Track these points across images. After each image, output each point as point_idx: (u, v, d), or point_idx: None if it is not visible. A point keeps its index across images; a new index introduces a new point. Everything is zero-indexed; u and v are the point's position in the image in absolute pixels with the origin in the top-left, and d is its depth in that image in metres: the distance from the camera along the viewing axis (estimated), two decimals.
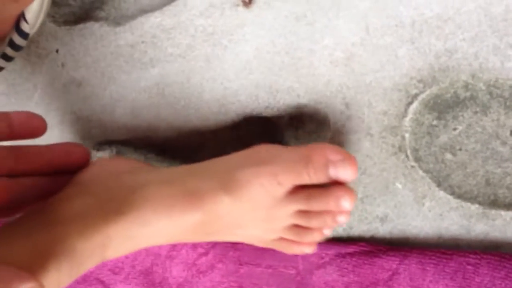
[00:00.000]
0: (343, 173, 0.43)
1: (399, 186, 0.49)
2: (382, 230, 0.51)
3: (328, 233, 0.48)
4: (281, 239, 0.49)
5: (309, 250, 0.49)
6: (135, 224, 0.42)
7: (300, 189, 0.45)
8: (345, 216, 0.45)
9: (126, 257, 0.58)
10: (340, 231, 0.53)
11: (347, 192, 0.44)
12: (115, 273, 0.59)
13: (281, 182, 0.43)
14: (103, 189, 0.45)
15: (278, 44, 0.47)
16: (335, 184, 0.44)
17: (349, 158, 0.43)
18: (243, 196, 0.44)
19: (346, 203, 0.44)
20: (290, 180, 0.43)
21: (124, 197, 0.43)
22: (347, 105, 0.48)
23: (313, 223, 0.46)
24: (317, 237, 0.47)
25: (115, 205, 0.43)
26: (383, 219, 0.51)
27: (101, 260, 0.42)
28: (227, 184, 0.44)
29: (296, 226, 0.47)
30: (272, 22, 0.46)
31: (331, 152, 0.43)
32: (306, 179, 0.44)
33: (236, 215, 0.45)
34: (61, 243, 0.39)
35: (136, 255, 0.58)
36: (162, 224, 0.43)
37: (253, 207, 0.45)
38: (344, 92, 0.47)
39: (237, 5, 0.47)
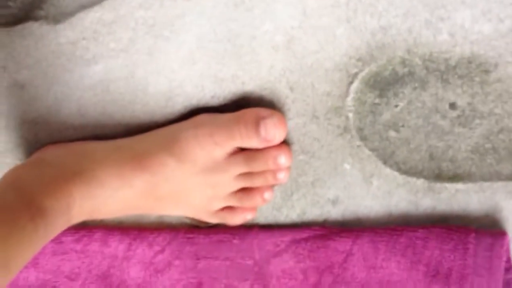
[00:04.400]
0: (272, 128, 0.46)
1: (348, 166, 0.50)
2: (334, 212, 0.52)
3: (268, 197, 0.50)
4: (225, 209, 0.51)
5: (251, 215, 0.52)
6: (92, 184, 0.46)
7: (239, 152, 0.48)
8: (284, 173, 0.49)
9: (82, 262, 0.57)
10: (294, 217, 0.53)
11: (282, 149, 0.48)
12: (71, 280, 0.58)
13: (217, 142, 0.47)
14: (55, 158, 0.49)
15: (219, 32, 0.47)
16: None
17: (277, 113, 0.47)
18: (185, 157, 0.47)
19: (282, 159, 0.48)
20: (225, 139, 0.47)
21: (76, 161, 0.48)
22: (291, 89, 0.48)
23: (256, 182, 0.49)
24: (259, 201, 0.51)
25: (70, 168, 0.47)
26: (334, 202, 0.52)
27: (68, 220, 0.46)
28: (170, 147, 0.48)
29: (240, 191, 0.50)
30: (212, 10, 0.47)
31: (260, 110, 0.47)
32: (238, 136, 0.47)
33: (181, 178, 0.48)
34: (31, 205, 0.42)
35: (92, 259, 0.57)
36: (115, 185, 0.47)
37: (196, 170, 0.48)
38: (288, 76, 0.48)
39: None
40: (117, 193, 0.47)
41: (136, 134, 0.52)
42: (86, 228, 0.56)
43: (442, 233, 0.49)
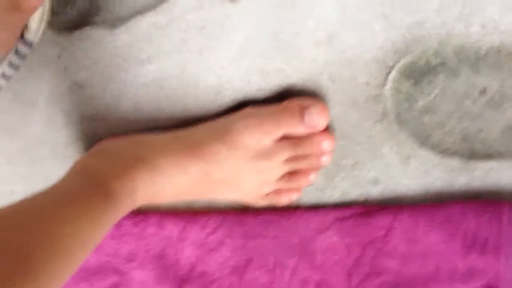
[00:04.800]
0: (316, 115, 0.51)
1: (386, 150, 0.54)
2: (374, 192, 0.56)
3: (313, 179, 0.54)
4: (273, 191, 0.55)
5: (296, 196, 0.56)
6: (153, 171, 0.50)
7: (286, 139, 0.52)
8: (327, 157, 0.53)
9: (139, 244, 0.61)
10: (337, 198, 0.57)
11: (325, 135, 0.52)
12: (129, 261, 0.61)
13: (266, 131, 0.51)
14: (116, 148, 0.53)
15: (266, 30, 0.51)
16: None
17: (320, 102, 0.51)
18: (236, 146, 0.51)
19: (325, 144, 0.52)
20: (272, 127, 0.51)
21: (136, 151, 0.51)
22: (332, 80, 0.52)
23: (301, 165, 0.53)
24: (304, 182, 0.55)
25: (131, 156, 0.50)
26: (374, 182, 0.56)
27: (133, 203, 0.49)
28: (223, 137, 0.52)
29: (286, 174, 0.54)
30: (258, 11, 0.50)
31: (304, 100, 0.52)
32: (284, 124, 0.51)
33: (232, 165, 0.52)
34: (101, 188, 0.46)
35: (148, 241, 0.61)
36: (172, 172, 0.51)
37: (247, 157, 0.52)
38: (329, 69, 0.52)
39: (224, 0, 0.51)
40: (174, 180, 0.51)
41: (186, 127, 0.56)
42: (143, 213, 0.60)
43: (478, 207, 0.53)
